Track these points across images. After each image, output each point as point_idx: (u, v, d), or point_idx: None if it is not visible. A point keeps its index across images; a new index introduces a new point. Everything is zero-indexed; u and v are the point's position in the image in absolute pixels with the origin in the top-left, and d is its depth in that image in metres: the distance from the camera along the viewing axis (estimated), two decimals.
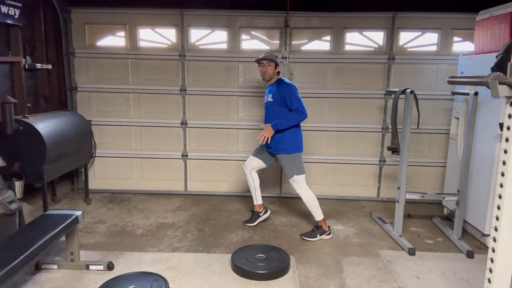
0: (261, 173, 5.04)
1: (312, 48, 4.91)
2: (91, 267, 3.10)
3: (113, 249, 3.51)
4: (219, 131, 5.04)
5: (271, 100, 3.79)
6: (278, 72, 3.87)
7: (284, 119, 3.66)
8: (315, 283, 3.00)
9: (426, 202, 4.88)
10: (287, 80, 3.86)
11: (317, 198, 5.04)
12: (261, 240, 3.79)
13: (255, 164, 4.04)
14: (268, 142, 3.72)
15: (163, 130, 5.08)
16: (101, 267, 3.10)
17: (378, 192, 5.11)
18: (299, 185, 3.82)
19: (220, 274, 3.10)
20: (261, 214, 4.17)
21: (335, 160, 5.05)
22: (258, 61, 3.83)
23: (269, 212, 4.27)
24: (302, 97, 4.85)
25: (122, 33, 4.90)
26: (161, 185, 5.20)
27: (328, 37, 4.85)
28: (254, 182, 4.07)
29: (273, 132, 3.69)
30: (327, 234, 3.86)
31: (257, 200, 4.14)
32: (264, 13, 4.76)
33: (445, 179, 4.60)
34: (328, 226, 3.93)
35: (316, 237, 3.82)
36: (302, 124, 4.92)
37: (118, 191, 5.18)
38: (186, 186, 5.21)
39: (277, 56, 3.87)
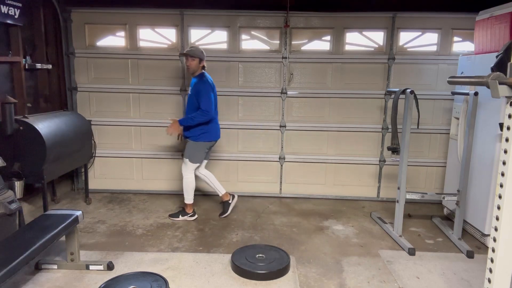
0: (261, 173, 5.07)
1: (312, 48, 4.91)
2: (91, 267, 3.10)
3: (113, 249, 3.51)
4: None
5: (190, 93, 4.05)
6: (203, 67, 4.01)
7: (189, 118, 3.90)
8: (315, 283, 3.00)
9: (426, 202, 4.88)
10: (207, 77, 4.00)
11: (317, 198, 5.09)
12: (261, 240, 3.79)
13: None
14: (178, 139, 4.15)
15: (163, 130, 5.06)
16: (101, 267, 3.10)
17: (378, 192, 5.11)
18: (187, 168, 4.11)
19: (220, 274, 3.10)
20: (230, 202, 4.38)
21: (335, 160, 5.05)
22: (183, 54, 4.00)
23: (237, 196, 4.48)
24: (301, 97, 4.93)
25: (122, 33, 4.90)
26: (161, 185, 5.19)
27: (328, 37, 4.85)
28: (208, 178, 4.34)
29: (180, 128, 3.98)
30: (190, 216, 4.24)
31: (220, 191, 4.37)
32: (264, 13, 4.76)
33: (445, 179, 4.60)
34: (194, 210, 4.29)
35: (178, 217, 4.22)
36: (302, 124, 4.98)
37: (118, 191, 5.18)
38: None
39: (202, 52, 3.97)
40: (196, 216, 4.29)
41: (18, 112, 3.98)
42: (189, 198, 4.22)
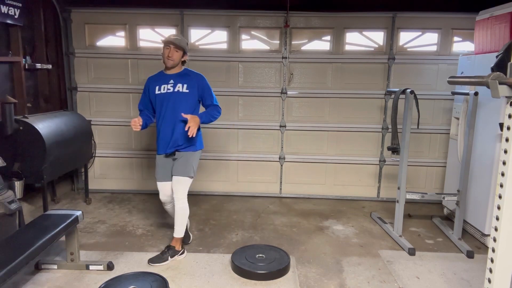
0: (261, 173, 5.07)
1: (312, 48, 4.91)
2: (91, 267, 3.10)
3: (113, 249, 3.51)
4: (219, 131, 5.03)
5: (186, 91, 3.22)
6: (184, 62, 3.34)
7: (209, 115, 3.25)
8: (315, 283, 3.00)
9: (426, 202, 4.88)
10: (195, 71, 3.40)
11: (317, 198, 5.09)
12: (261, 240, 3.79)
13: (170, 187, 3.36)
14: (194, 136, 3.11)
15: None
16: (101, 267, 3.10)
17: (378, 192, 5.11)
18: (184, 189, 3.28)
19: (220, 274, 3.10)
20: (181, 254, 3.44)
21: (335, 160, 5.05)
22: (166, 42, 3.20)
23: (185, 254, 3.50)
24: (301, 97, 4.94)
25: (122, 33, 4.90)
26: None
27: (328, 37, 4.85)
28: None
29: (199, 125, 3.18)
30: (180, 254, 3.36)
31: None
32: (264, 13, 4.76)
33: (445, 179, 4.60)
34: (182, 246, 3.41)
35: (167, 260, 3.26)
36: (302, 123, 4.98)
37: (118, 191, 5.17)
38: None
39: (187, 43, 3.37)
40: (185, 253, 3.41)
41: (18, 112, 3.98)
42: (181, 230, 3.34)
